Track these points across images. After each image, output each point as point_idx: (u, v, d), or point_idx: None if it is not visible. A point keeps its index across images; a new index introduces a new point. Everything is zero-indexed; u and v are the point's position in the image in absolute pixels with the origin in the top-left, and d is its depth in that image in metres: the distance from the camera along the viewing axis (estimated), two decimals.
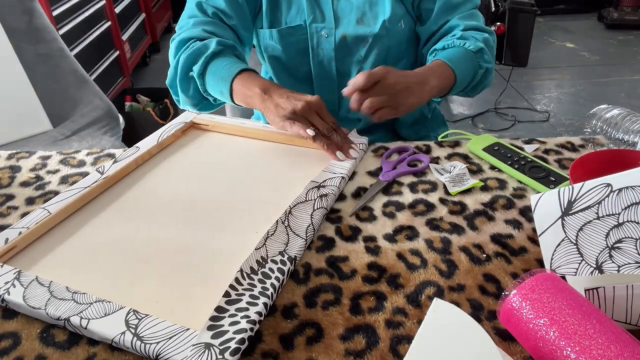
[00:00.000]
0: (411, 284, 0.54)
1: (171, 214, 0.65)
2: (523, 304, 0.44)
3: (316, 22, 0.90)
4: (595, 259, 0.50)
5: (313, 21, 0.89)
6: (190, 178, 0.73)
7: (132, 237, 0.61)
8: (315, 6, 0.90)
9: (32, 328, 0.49)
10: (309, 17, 0.89)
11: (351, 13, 0.89)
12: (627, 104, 2.59)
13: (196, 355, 0.44)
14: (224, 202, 0.67)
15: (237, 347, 0.45)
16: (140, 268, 0.56)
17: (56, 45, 1.54)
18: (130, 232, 0.62)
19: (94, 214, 0.65)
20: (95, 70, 2.30)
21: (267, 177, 0.73)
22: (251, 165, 0.76)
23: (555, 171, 0.70)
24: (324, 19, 0.90)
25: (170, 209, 0.66)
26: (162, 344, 0.45)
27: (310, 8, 0.89)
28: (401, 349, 0.46)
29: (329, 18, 0.89)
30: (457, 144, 0.80)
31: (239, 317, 0.48)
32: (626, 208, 0.48)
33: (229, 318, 0.48)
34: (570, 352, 0.40)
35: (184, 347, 0.45)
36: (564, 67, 3.23)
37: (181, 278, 0.54)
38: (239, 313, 0.48)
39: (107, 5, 2.50)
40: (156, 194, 0.70)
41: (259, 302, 0.49)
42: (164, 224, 0.63)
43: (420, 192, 0.69)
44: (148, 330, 0.47)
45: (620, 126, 0.76)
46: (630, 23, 3.82)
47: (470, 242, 0.59)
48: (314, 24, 0.90)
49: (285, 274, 0.53)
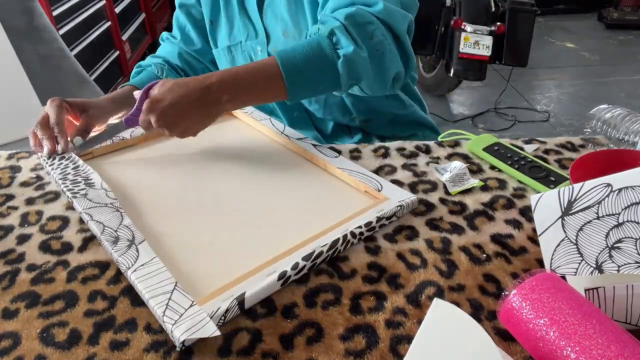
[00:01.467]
0: (411, 284, 0.54)
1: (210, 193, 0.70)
2: (523, 304, 0.44)
3: (250, 39, 0.90)
4: (595, 259, 0.50)
5: (248, 38, 0.90)
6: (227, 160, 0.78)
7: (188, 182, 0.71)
8: (249, 23, 0.90)
9: (32, 328, 0.49)
10: (244, 34, 0.90)
11: (276, 26, 0.87)
12: (627, 104, 2.59)
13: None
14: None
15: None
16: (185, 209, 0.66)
17: (56, 45, 1.54)
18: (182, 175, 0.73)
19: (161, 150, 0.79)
20: (96, 70, 2.30)
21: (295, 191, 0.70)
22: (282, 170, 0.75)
23: (556, 171, 0.70)
24: (256, 35, 0.90)
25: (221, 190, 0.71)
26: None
27: (244, 26, 0.90)
28: (401, 349, 0.46)
29: (261, 34, 0.89)
30: (457, 144, 0.80)
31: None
32: (626, 208, 0.48)
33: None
34: (570, 352, 0.40)
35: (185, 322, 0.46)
36: (564, 67, 3.23)
37: (209, 254, 0.58)
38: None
39: (107, 5, 2.50)
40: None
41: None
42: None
43: (420, 192, 0.69)
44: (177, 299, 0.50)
45: (620, 126, 0.76)
46: (630, 23, 3.83)
47: (470, 242, 0.59)
48: (249, 40, 0.90)
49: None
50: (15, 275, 0.56)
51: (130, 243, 0.57)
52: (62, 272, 0.56)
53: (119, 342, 0.48)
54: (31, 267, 0.57)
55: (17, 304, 0.52)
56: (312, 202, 0.67)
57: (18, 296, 0.53)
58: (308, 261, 0.54)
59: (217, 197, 0.68)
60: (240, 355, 0.46)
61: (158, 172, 0.75)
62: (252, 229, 0.62)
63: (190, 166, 0.76)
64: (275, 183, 0.71)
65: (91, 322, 0.50)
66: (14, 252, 0.59)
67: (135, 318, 0.50)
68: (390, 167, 0.74)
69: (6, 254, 0.59)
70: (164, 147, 0.82)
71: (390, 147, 0.79)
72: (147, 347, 0.47)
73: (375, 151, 0.79)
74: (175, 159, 0.78)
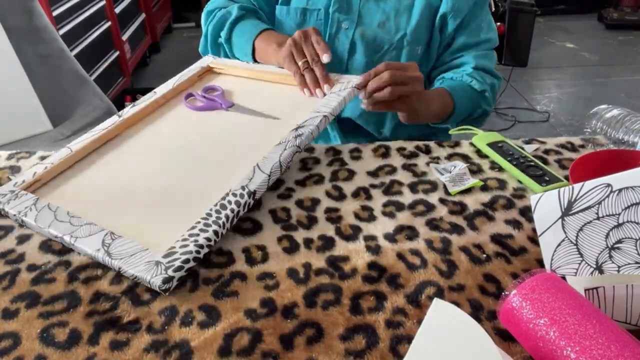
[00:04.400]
0: (411, 284, 0.54)
1: (168, 155, 0.73)
2: (523, 304, 0.44)
3: (340, 12, 0.91)
4: (595, 259, 0.50)
5: (337, 10, 0.91)
6: (194, 121, 0.80)
7: (133, 174, 0.70)
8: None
9: (32, 328, 0.49)
10: (334, 5, 0.90)
11: (376, 14, 0.90)
12: (627, 104, 2.59)
13: (146, 270, 0.52)
14: (216, 143, 0.74)
15: (180, 265, 0.52)
16: (130, 199, 0.65)
17: (56, 46, 1.54)
18: (132, 169, 0.71)
19: (107, 153, 0.75)
20: (95, 70, 2.30)
21: (266, 120, 0.77)
22: (254, 108, 0.80)
23: (551, 172, 0.69)
24: (349, 11, 0.91)
25: (169, 151, 0.74)
26: (124, 260, 0.54)
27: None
28: (401, 349, 0.46)
29: (354, 12, 0.91)
30: (457, 144, 0.80)
31: (190, 240, 0.55)
32: (626, 208, 0.48)
33: (182, 241, 0.55)
34: (570, 352, 0.40)
35: (140, 263, 0.53)
36: (564, 67, 3.23)
37: (160, 210, 0.63)
38: (190, 238, 0.55)
39: (107, 5, 2.50)
40: (162, 137, 0.77)
41: (210, 229, 0.56)
42: (162, 163, 0.71)
43: (420, 192, 0.69)
44: (117, 248, 0.55)
45: (620, 126, 0.76)
46: (630, 23, 3.82)
47: (470, 242, 0.59)
48: (338, 13, 0.91)
49: (241, 206, 0.59)
50: (16, 275, 0.56)
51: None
52: (63, 272, 0.56)
53: (119, 342, 0.48)
54: (31, 267, 0.57)
55: (17, 304, 0.52)
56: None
57: (18, 296, 0.53)
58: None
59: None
60: (240, 355, 0.46)
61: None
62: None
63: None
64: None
65: (91, 322, 0.50)
66: (14, 252, 0.59)
67: (136, 318, 0.50)
68: (390, 167, 0.74)
69: (6, 254, 0.59)
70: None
71: (390, 147, 0.79)
72: (147, 347, 0.47)
73: (375, 151, 0.79)
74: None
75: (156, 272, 0.52)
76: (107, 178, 0.70)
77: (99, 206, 0.64)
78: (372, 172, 0.73)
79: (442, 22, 0.91)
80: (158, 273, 0.51)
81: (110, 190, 0.67)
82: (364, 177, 0.72)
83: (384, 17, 0.90)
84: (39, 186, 0.69)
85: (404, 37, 0.90)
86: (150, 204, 0.64)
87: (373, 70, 0.77)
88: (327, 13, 0.91)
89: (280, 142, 0.67)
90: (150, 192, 0.66)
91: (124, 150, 0.75)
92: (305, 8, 0.92)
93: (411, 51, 0.91)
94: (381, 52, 0.92)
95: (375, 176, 0.72)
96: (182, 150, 0.73)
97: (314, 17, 0.92)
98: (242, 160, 0.68)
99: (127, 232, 0.58)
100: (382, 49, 0.91)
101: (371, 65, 0.92)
